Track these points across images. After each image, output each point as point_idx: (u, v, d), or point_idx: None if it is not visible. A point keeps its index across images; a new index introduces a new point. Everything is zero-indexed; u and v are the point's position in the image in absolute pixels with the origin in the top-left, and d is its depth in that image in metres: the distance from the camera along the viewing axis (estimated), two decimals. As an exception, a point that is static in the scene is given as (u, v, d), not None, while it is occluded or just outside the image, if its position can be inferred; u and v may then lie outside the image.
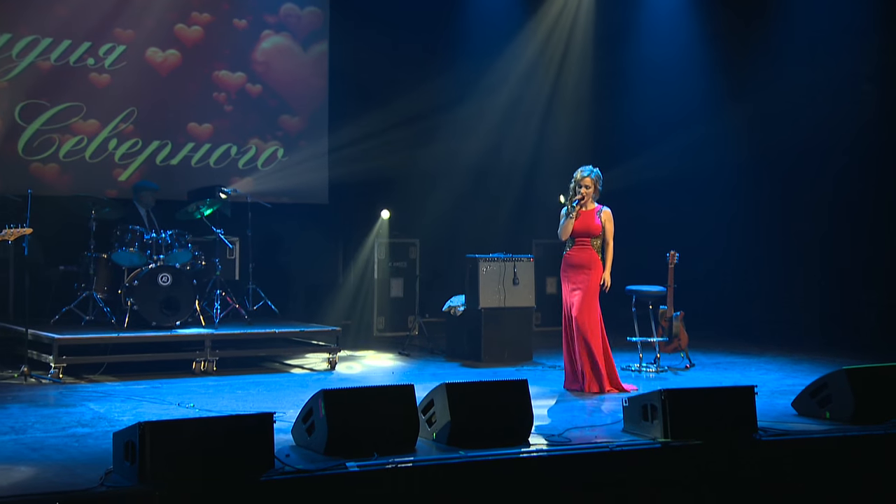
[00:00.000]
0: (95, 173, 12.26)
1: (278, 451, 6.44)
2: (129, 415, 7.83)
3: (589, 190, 9.22)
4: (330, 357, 10.49)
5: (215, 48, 13.01)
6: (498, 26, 13.80)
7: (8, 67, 11.83)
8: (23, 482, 5.80)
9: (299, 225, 12.95)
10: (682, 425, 7.10)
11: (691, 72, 13.90)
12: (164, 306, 10.18)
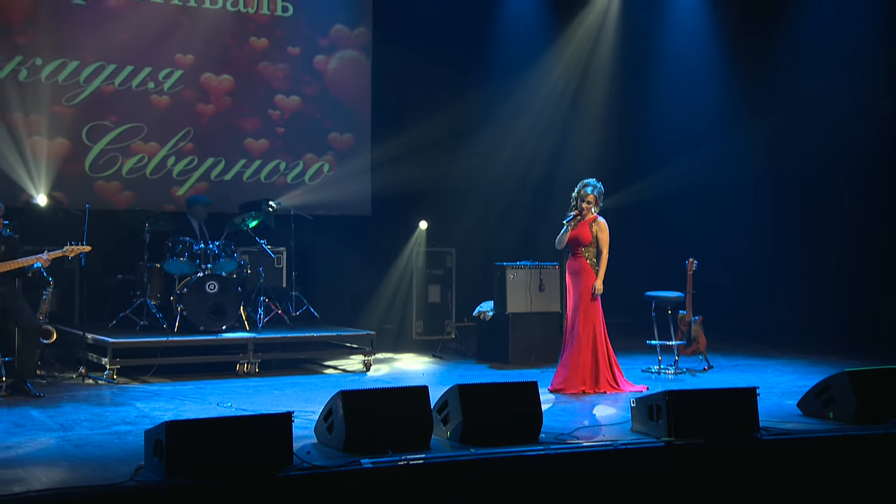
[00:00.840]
0: (155, 189, 12.41)
1: (301, 448, 6.50)
2: (170, 413, 7.91)
3: (590, 205, 9.20)
4: (365, 359, 10.48)
5: (269, 72, 13.11)
6: (527, 45, 13.75)
7: (76, 92, 12.04)
8: (60, 477, 5.91)
9: (343, 235, 12.97)
10: (686, 425, 7.04)
11: (711, 87, 13.78)
12: (211, 312, 10.25)
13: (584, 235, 9.19)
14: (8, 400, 8.38)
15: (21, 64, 11.75)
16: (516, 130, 13.88)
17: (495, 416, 6.91)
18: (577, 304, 9.18)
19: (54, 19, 11.96)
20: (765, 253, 13.55)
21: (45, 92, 11.83)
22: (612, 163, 14.24)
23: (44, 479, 5.80)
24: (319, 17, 13.37)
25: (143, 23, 12.36)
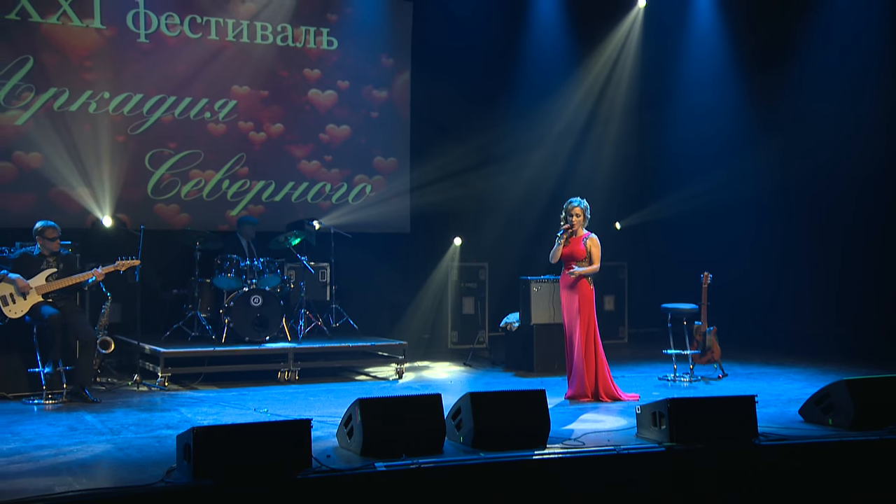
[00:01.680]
0: (210, 210, 12.55)
1: (322, 452, 6.58)
2: (211, 418, 8.00)
3: (578, 218, 9.17)
4: (398, 367, 10.51)
5: (319, 100, 13.22)
6: (551, 73, 13.73)
7: (139, 122, 12.23)
8: (100, 478, 6.04)
9: (383, 251, 13.02)
10: (687, 430, 7.01)
11: (725, 112, 13.66)
12: (256, 324, 10.32)
13: (578, 251, 9.15)
14: (68, 405, 8.55)
15: (91, 98, 11.97)
16: (542, 153, 13.86)
17: (505, 422, 6.92)
18: (576, 317, 9.11)
19: (121, 56, 12.14)
20: (777, 267, 13.37)
21: (112, 122, 12.04)
22: (631, 183, 14.27)
23: (84, 480, 5.92)
24: (363, 51, 13.44)
25: (201, 58, 12.53)
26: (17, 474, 6.09)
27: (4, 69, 11.56)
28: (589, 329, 9.14)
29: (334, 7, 13.23)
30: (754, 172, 13.34)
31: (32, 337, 8.77)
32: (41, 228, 8.96)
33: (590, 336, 9.14)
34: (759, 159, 13.32)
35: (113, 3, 12.10)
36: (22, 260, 8.88)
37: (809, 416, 8.00)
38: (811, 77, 12.77)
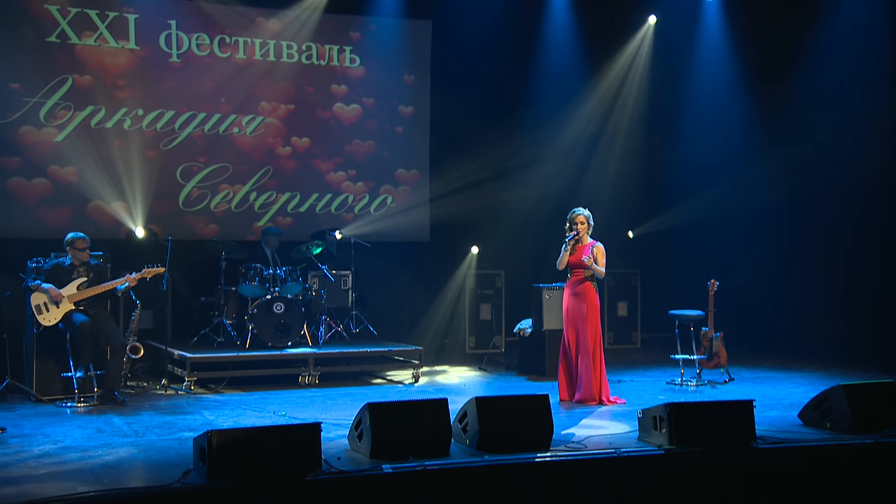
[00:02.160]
0: (238, 221, 12.60)
1: (333, 454, 6.61)
2: (231, 421, 8.06)
3: (583, 226, 9.14)
4: (414, 372, 10.53)
5: (343, 115, 13.27)
6: (564, 88, 13.65)
7: (171, 138, 12.32)
8: (120, 479, 6.08)
9: (403, 259, 13.03)
10: (686, 434, 6.97)
11: (733, 126, 13.58)
12: (278, 330, 10.35)
13: (582, 259, 9.12)
14: (99, 408, 8.66)
15: (126, 115, 12.08)
16: (555, 165, 13.80)
17: (510, 425, 6.92)
18: (584, 323, 9.08)
19: (154, 75, 12.24)
20: (783, 274, 13.29)
21: (145, 138, 12.16)
22: (642, 193, 14.21)
23: (105, 481, 5.98)
24: (386, 68, 13.45)
25: (229, 75, 12.60)
26: (44, 476, 6.17)
27: (45, 89, 11.69)
28: (596, 336, 9.12)
29: (356, 26, 13.26)
30: (760, 183, 13.26)
31: (66, 343, 8.90)
32: (71, 239, 9.08)
33: (597, 343, 9.11)
34: (765, 170, 13.25)
35: (147, 26, 12.20)
36: (54, 270, 9.01)
37: (808, 420, 7.94)
38: (815, 91, 12.69)
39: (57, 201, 11.70)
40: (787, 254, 13.27)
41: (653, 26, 13.79)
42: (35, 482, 5.99)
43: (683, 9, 13.43)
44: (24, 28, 11.59)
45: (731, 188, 13.30)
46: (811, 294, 13.09)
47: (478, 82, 13.39)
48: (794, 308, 13.21)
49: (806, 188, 12.85)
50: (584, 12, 13.41)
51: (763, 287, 13.37)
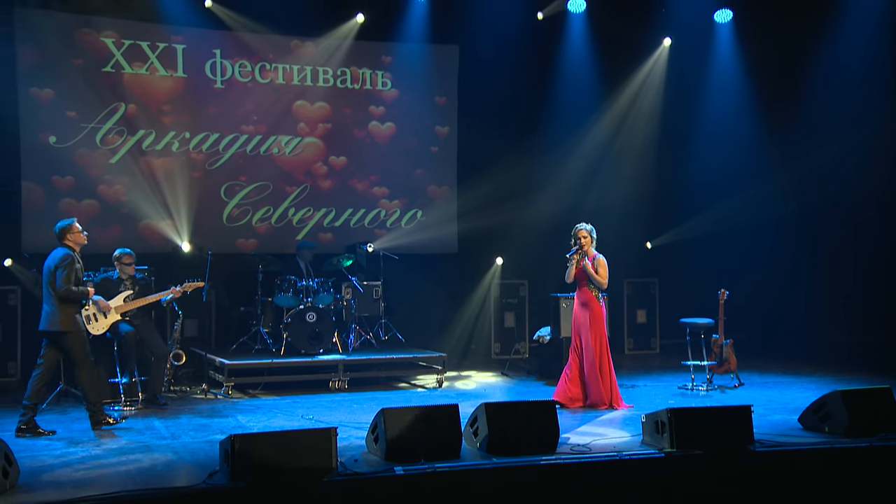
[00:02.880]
0: (278, 235, 12.71)
1: (351, 456, 6.67)
2: (261, 424, 8.14)
3: (586, 240, 9.12)
4: (438, 377, 10.55)
5: (378, 133, 13.36)
6: (581, 108, 13.61)
7: (216, 158, 12.49)
8: (152, 479, 6.19)
9: (432, 270, 13.06)
10: (686, 438, 6.95)
11: (743, 143, 13.48)
12: (311, 338, 10.42)
13: (589, 271, 9.09)
14: (142, 411, 8.81)
15: (174, 138, 12.29)
16: (576, 180, 13.69)
17: (518, 429, 6.95)
18: (589, 333, 9.06)
19: (200, 101, 12.44)
20: (795, 283, 13.15)
21: (191, 160, 12.35)
22: (659, 207, 14.12)
23: (137, 481, 6.11)
24: (418, 90, 13.53)
25: (269, 99, 12.76)
26: (83, 477, 6.31)
27: (100, 115, 11.94)
28: (601, 344, 9.08)
29: (387, 51, 13.34)
30: (769, 197, 13.15)
31: (113, 351, 9.08)
32: (119, 255, 9.27)
33: (602, 350, 9.07)
34: (774, 185, 13.13)
35: (193, 55, 12.41)
36: (103, 283, 9.20)
37: (808, 424, 7.86)
38: (820, 110, 12.56)
39: (108, 219, 11.90)
40: (795, 264, 13.14)
41: (668, 48, 13.70)
42: (75, 483, 6.13)
43: (697, 31, 13.33)
44: (81, 59, 11.84)
45: (741, 202, 13.18)
46: (819, 302, 12.96)
47: (501, 103, 13.39)
48: (803, 315, 13.06)
49: (811, 202, 12.77)
50: (601, 35, 13.37)
51: (774, 295, 13.25)
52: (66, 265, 7.79)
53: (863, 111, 12.15)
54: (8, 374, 10.96)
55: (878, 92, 12.08)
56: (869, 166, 12.23)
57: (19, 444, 7.27)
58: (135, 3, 11.77)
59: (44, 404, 8.56)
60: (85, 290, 7.97)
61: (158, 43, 12.22)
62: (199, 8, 12.08)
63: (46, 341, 7.96)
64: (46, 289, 7.86)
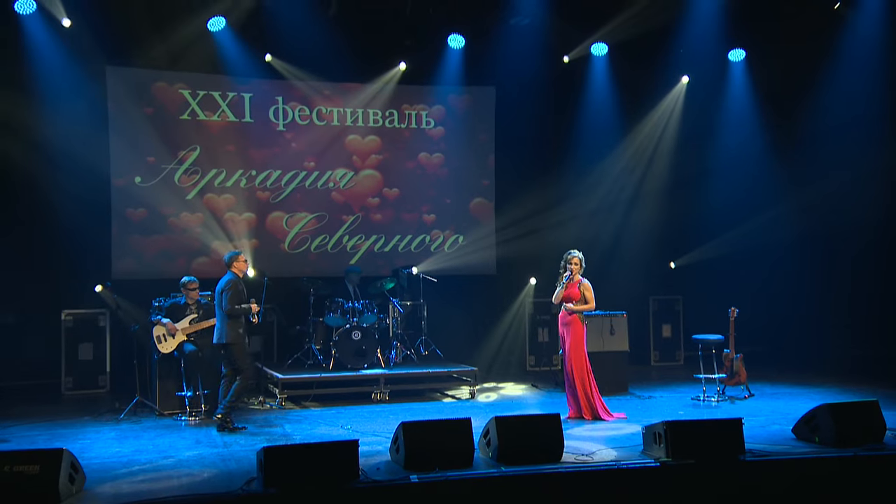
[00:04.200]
0: (334, 260, 12.88)
1: (374, 464, 6.79)
2: (304, 433, 8.30)
3: (577, 266, 9.09)
4: (471, 389, 10.59)
5: (425, 164, 13.51)
6: (606, 138, 13.56)
7: (278, 193, 12.75)
8: (198, 484, 6.41)
9: (470, 290, 13.15)
10: (682, 448, 6.91)
11: (754, 173, 13.28)
12: (356, 354, 10.55)
13: (573, 294, 9.11)
14: (204, 421, 9.03)
15: (242, 175, 12.63)
16: (601, 207, 13.73)
17: (526, 440, 6.99)
18: (571, 347, 9.05)
19: (265, 142, 12.76)
20: (803, 299, 12.89)
21: (257, 194, 12.68)
22: (677, 232, 13.98)
23: (185, 485, 6.32)
24: (460, 128, 13.64)
25: (326, 139, 13.01)
26: (141, 480, 6.60)
27: (179, 156, 12.36)
28: (580, 361, 9.03)
29: (430, 92, 13.45)
30: (782, 220, 12.98)
31: (180, 368, 9.37)
32: (185, 282, 9.59)
33: (581, 367, 9.02)
34: (785, 208, 12.97)
35: (259, 102, 12.77)
36: (172, 308, 9.52)
37: (800, 435, 7.76)
38: (825, 141, 12.38)
39: (181, 249, 12.27)
40: (806, 281, 12.90)
41: (685, 85, 13.60)
42: (132, 485, 6.41)
43: (712, 69, 13.22)
44: (161, 109, 12.30)
45: (756, 225, 13.01)
46: (829, 317, 12.72)
47: (533, 138, 13.47)
48: (815, 329, 12.77)
49: (820, 225, 12.54)
50: (623, 75, 13.31)
51: (788, 310, 13.03)
52: (231, 289, 8.61)
53: (865, 141, 11.96)
54: (98, 387, 11.42)
55: (878, 125, 11.90)
56: (870, 191, 12.03)
57: (94, 452, 7.59)
58: (207, 59, 12.14)
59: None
60: (248, 308, 8.70)
61: (228, 92, 12.60)
62: (261, 62, 12.41)
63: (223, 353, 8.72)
64: (217, 308, 8.67)
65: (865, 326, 12.29)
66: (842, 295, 12.62)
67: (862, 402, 7.58)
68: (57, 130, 11.34)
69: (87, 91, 11.64)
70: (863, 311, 12.30)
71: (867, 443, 7.21)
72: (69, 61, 11.28)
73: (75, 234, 11.36)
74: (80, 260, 11.56)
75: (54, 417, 9.44)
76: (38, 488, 5.92)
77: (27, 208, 11.44)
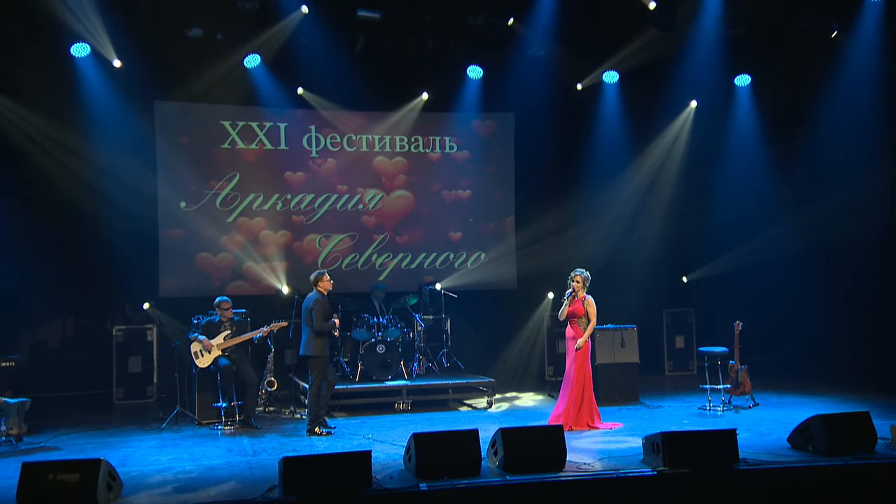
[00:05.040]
0: (363, 277, 13.02)
1: (388, 473, 6.88)
2: (327, 442, 8.40)
3: (578, 284, 9.13)
4: (489, 399, 10.62)
5: (452, 192, 13.62)
6: (617, 160, 13.56)
7: (312, 215, 12.94)
8: (223, 492, 6.55)
9: (490, 304, 13.19)
10: (678, 458, 6.92)
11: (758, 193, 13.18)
12: (381, 366, 10.66)
13: (578, 310, 9.12)
14: (238, 431, 9.20)
15: (278, 199, 12.86)
16: (615, 225, 13.70)
17: (530, 450, 7.03)
18: (574, 359, 9.05)
19: (299, 167, 12.98)
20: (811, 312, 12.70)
21: (292, 216, 12.91)
22: (689, 248, 13.91)
23: (212, 493, 6.46)
24: (483, 151, 13.74)
25: (355, 165, 13.21)
26: (173, 488, 6.74)
27: (220, 182, 12.63)
28: (583, 373, 9.03)
29: (453, 118, 13.53)
30: (781, 241, 12.86)
31: (216, 381, 9.57)
32: (219, 302, 9.80)
33: (582, 380, 9.02)
34: (785, 230, 12.86)
35: (294, 131, 13.00)
36: (208, 325, 9.74)
37: (794, 444, 7.71)
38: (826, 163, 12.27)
39: (221, 269, 12.52)
40: (813, 294, 12.71)
41: (694, 109, 13.56)
42: (163, 494, 6.56)
43: (719, 94, 13.17)
44: (203, 139, 12.61)
45: (763, 241, 12.90)
46: (837, 327, 12.52)
47: (550, 161, 13.58)
48: (821, 340, 12.60)
49: (822, 242, 12.42)
50: (633, 100, 13.31)
51: (796, 321, 12.81)
52: (316, 307, 8.88)
53: (863, 161, 11.86)
54: (146, 396, 11.69)
55: (873, 146, 11.80)
56: (868, 208, 11.90)
57: (135, 459, 7.79)
58: (245, 93, 12.41)
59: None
60: (332, 324, 9.01)
61: (265, 122, 12.86)
62: (294, 94, 12.66)
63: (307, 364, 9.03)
64: (304, 324, 8.95)
65: (869, 336, 12.09)
66: (846, 306, 12.44)
67: (854, 414, 7.51)
68: (108, 161, 11.70)
69: (134, 124, 11.98)
70: (866, 322, 12.10)
71: (858, 452, 7.14)
72: (119, 97, 11.63)
73: (125, 255, 11.69)
74: (129, 280, 11.87)
75: (104, 426, 9.71)
76: (79, 495, 6.11)
77: (83, 233, 11.77)
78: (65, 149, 11.43)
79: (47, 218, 11.56)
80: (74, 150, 11.50)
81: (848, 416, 7.45)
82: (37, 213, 11.47)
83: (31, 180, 11.37)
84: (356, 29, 11.64)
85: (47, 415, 9.92)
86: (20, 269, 10.94)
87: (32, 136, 11.32)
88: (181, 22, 11.20)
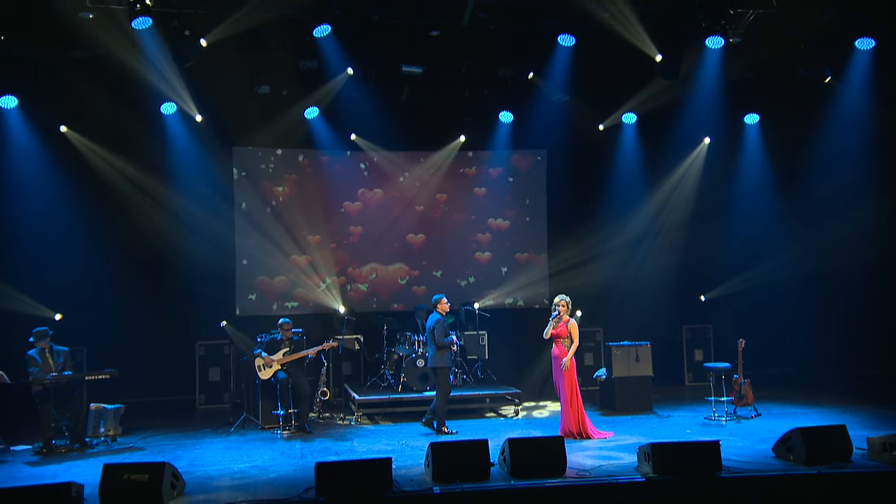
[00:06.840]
0: (409, 297, 13.31)
1: (409, 477, 7.13)
2: (366, 447, 8.68)
3: (563, 308, 9.19)
4: (515, 408, 10.75)
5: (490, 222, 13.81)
6: (637, 193, 13.58)
7: (364, 243, 13.38)
8: (267, 491, 6.90)
9: (523, 321, 13.28)
10: (666, 466, 7.01)
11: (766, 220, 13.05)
12: (420, 378, 10.91)
13: (562, 332, 9.17)
14: (294, 435, 9.55)
15: (335, 231, 13.28)
16: (636, 249, 13.72)
17: (534, 458, 7.21)
18: (560, 380, 9.11)
19: (354, 199, 13.42)
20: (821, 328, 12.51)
21: (346, 245, 13.29)
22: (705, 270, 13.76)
23: (257, 492, 6.82)
24: (520, 185, 13.86)
25: (402, 196, 13.47)
26: (229, 486, 7.14)
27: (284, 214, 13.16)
28: (571, 388, 9.09)
29: (489, 157, 13.72)
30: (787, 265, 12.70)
31: (276, 391, 10.01)
32: (281, 323, 10.25)
33: (571, 393, 9.07)
34: (790, 256, 12.73)
35: (348, 170, 13.42)
36: (270, 343, 10.21)
37: (778, 454, 7.70)
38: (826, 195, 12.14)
39: (281, 292, 12.98)
40: (818, 311, 12.55)
41: (707, 145, 13.51)
42: (218, 492, 6.96)
43: (730, 131, 13.14)
44: (273, 176, 13.17)
45: (774, 264, 12.78)
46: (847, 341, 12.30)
47: (576, 193, 13.71)
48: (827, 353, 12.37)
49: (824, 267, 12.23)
50: (651, 138, 13.39)
51: (808, 337, 12.70)
52: (437, 326, 9.61)
53: (862, 190, 11.71)
54: (223, 402, 12.25)
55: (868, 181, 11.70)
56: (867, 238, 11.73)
57: (203, 460, 8.23)
58: (305, 138, 12.95)
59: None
60: (451, 340, 9.66)
61: (324, 162, 13.31)
62: (347, 140, 13.14)
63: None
64: (429, 341, 9.65)
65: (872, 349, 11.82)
66: (850, 322, 12.23)
67: (830, 426, 7.47)
68: (191, 201, 12.36)
69: (213, 167, 12.63)
70: (870, 335, 11.85)
71: (834, 462, 7.09)
72: (199, 145, 12.30)
73: (207, 280, 12.29)
74: (210, 301, 12.45)
75: (184, 429, 10.23)
76: (148, 493, 6.59)
77: (170, 262, 12.36)
78: (153, 192, 12.16)
79: (142, 251, 12.23)
80: (162, 193, 12.22)
81: (826, 429, 7.42)
82: (133, 248, 12.17)
83: (129, 221, 12.10)
84: (401, 82, 12.05)
85: (142, 417, 10.56)
86: (123, 297, 11.81)
87: (133, 181, 12.06)
88: (252, 80, 11.84)
